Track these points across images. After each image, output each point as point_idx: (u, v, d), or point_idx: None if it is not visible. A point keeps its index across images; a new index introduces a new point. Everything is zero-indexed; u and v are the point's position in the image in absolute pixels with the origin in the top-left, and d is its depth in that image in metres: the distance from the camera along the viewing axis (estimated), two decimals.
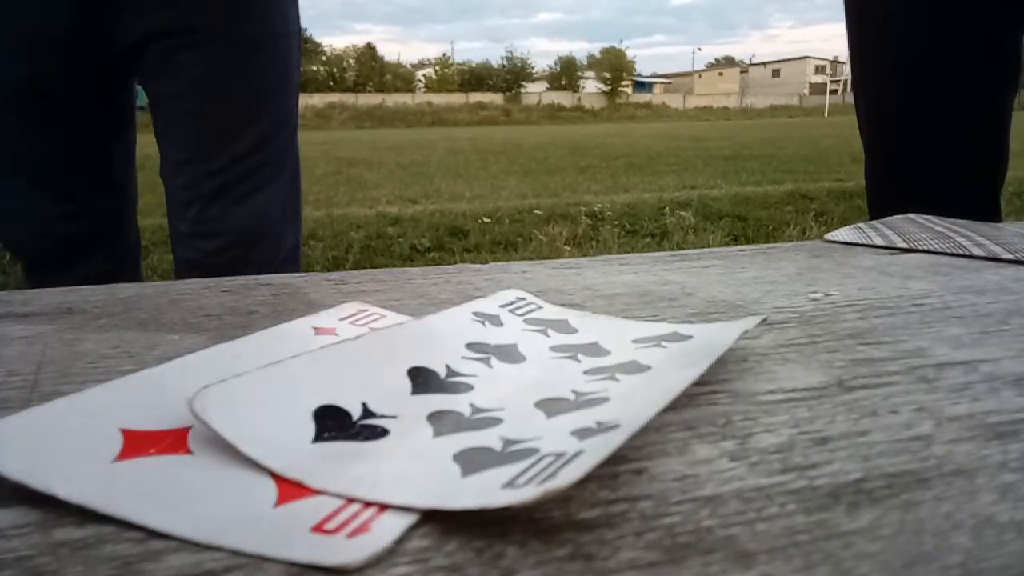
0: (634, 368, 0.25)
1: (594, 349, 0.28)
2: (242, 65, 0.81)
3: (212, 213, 0.81)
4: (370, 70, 44.37)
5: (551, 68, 48.28)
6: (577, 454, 0.18)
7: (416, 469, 0.19)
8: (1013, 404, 0.23)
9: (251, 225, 0.82)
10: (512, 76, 43.87)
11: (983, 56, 0.81)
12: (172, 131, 0.82)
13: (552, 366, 0.26)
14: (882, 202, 0.88)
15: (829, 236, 0.51)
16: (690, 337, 0.28)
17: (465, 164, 7.29)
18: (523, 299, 0.32)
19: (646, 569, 0.15)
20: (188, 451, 0.19)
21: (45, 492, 0.17)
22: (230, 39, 0.80)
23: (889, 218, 0.56)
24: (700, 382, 0.25)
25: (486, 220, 3.64)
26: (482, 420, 0.21)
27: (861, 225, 0.54)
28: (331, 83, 42.20)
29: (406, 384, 0.23)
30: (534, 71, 46.86)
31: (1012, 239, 0.48)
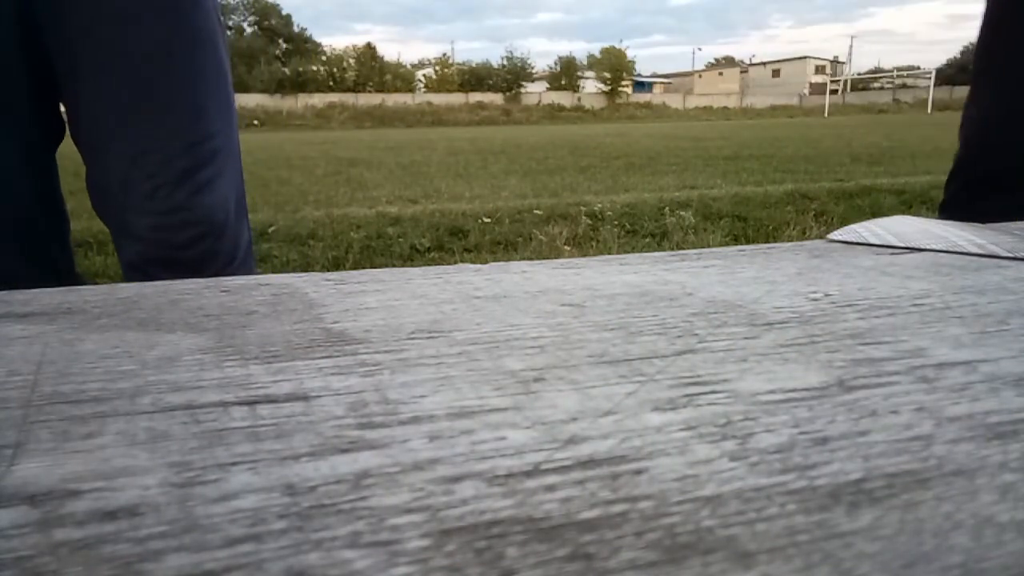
0: None
1: None
2: (186, 55, 0.82)
3: (178, 201, 0.81)
4: (370, 70, 44.35)
5: (551, 68, 48.24)
6: None
7: None
8: (1013, 404, 0.23)
9: (216, 214, 0.83)
10: (512, 76, 43.84)
11: None
12: (120, 124, 0.81)
13: None
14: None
15: (830, 236, 0.51)
16: None
17: (465, 164, 7.29)
18: None
19: (646, 569, 0.15)
20: None
21: None
22: (170, 30, 0.80)
23: (889, 218, 0.56)
24: (700, 382, 0.25)
25: (486, 220, 3.65)
26: None
27: (861, 225, 0.54)
28: (331, 83, 42.18)
29: None
30: (534, 71, 46.81)
31: (1012, 239, 0.48)
